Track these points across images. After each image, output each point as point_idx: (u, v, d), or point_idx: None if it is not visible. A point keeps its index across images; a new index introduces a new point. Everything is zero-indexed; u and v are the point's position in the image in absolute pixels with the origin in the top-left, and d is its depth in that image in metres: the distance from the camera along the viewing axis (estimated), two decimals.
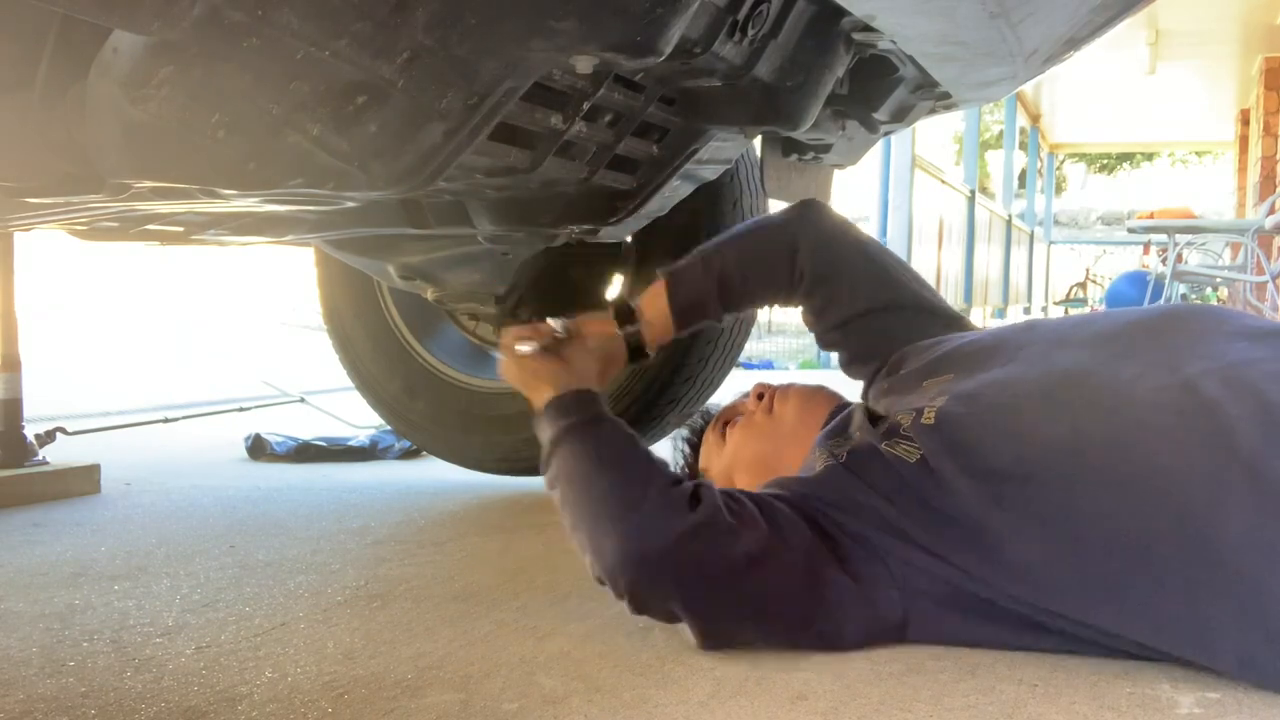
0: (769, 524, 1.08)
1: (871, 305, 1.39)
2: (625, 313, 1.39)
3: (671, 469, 1.15)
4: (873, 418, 1.23)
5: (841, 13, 1.15)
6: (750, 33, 1.09)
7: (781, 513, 1.10)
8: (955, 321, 1.38)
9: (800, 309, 1.47)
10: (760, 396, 1.40)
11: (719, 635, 1.09)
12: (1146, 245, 10.18)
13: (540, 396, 1.21)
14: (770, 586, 1.07)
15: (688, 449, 1.48)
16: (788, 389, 1.41)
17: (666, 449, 1.58)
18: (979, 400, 1.09)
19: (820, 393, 1.42)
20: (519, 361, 1.24)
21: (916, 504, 1.07)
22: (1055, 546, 0.99)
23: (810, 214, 1.43)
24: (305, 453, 2.61)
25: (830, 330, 1.42)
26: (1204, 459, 0.95)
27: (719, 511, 1.07)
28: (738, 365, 2.40)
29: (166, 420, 3.07)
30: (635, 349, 1.38)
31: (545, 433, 1.19)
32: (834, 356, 1.51)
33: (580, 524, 1.11)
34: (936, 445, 1.07)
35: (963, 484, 1.04)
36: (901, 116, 1.56)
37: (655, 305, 1.40)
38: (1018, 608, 1.03)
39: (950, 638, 1.08)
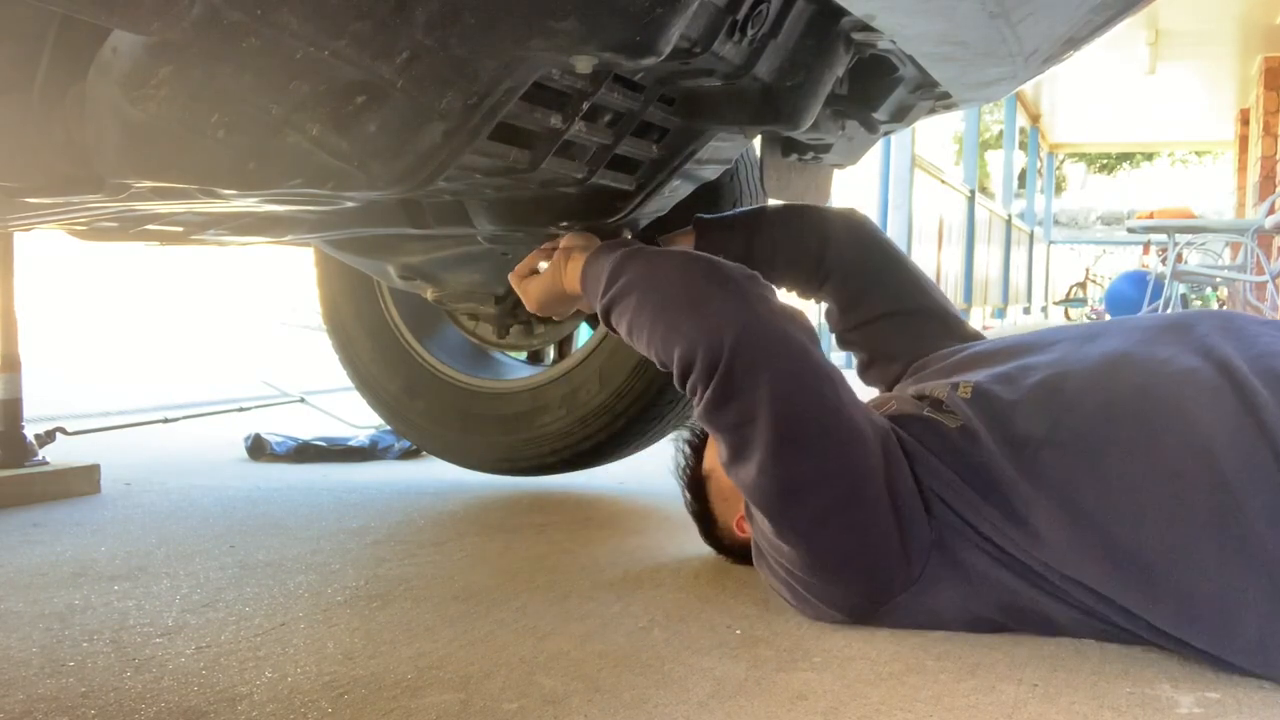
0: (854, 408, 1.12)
1: (898, 308, 1.42)
2: (649, 243, 1.44)
3: None
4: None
5: (841, 12, 1.15)
6: (750, 32, 1.09)
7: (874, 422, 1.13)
8: (976, 338, 1.41)
9: (824, 306, 1.49)
10: None
11: (786, 447, 1.07)
12: (1146, 245, 10.18)
13: (574, 269, 1.27)
14: (848, 417, 1.08)
15: (689, 450, 1.48)
16: None
17: (666, 450, 1.59)
18: (1015, 378, 1.12)
19: None
20: (530, 280, 1.33)
21: (960, 463, 1.09)
22: (1085, 513, 1.00)
23: (853, 218, 1.50)
24: (305, 453, 2.61)
25: (853, 329, 1.44)
26: (1236, 435, 0.96)
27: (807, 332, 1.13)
28: None
29: (166, 420, 3.07)
30: None
31: (601, 269, 1.22)
32: (840, 357, 1.54)
33: (667, 312, 1.13)
34: (974, 413, 1.10)
35: (998, 449, 1.06)
36: (901, 116, 1.56)
37: (680, 247, 1.46)
38: (1042, 574, 1.04)
39: (965, 585, 1.08)
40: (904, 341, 1.39)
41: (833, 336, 1.51)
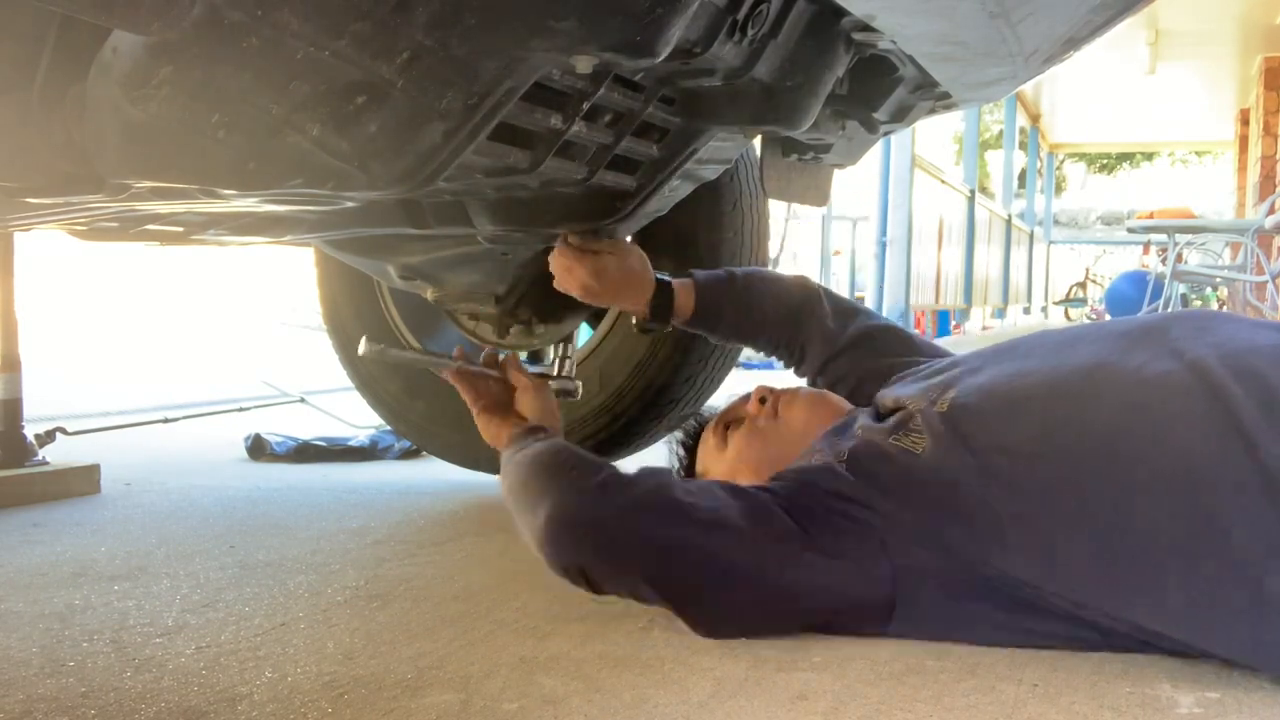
0: (719, 503, 1.13)
1: (863, 331, 1.52)
2: (665, 288, 1.56)
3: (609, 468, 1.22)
4: (880, 414, 1.24)
5: (841, 13, 1.15)
6: (750, 33, 1.09)
7: (751, 497, 1.15)
8: (942, 354, 1.47)
9: (804, 369, 1.58)
10: (763, 400, 1.40)
11: (626, 593, 1.16)
12: (1146, 245, 10.19)
13: (506, 436, 1.36)
14: (679, 554, 1.11)
15: (683, 451, 1.48)
16: (794, 393, 1.41)
17: (662, 451, 1.59)
18: (991, 389, 1.12)
19: (826, 397, 1.42)
20: (483, 419, 1.42)
21: (919, 494, 1.09)
22: (1059, 526, 1.00)
23: (807, 289, 1.60)
24: (305, 453, 2.61)
25: (830, 361, 1.52)
26: (1209, 438, 0.96)
27: (628, 485, 1.15)
28: (738, 366, 2.40)
29: (166, 420, 3.07)
30: (660, 310, 1.55)
31: (506, 454, 1.32)
32: None
33: (519, 511, 1.20)
34: (948, 430, 1.10)
35: (972, 466, 1.06)
36: (901, 116, 1.56)
37: (683, 292, 1.56)
38: (1014, 590, 1.03)
39: (942, 620, 1.08)
40: (881, 354, 1.47)
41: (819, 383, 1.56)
